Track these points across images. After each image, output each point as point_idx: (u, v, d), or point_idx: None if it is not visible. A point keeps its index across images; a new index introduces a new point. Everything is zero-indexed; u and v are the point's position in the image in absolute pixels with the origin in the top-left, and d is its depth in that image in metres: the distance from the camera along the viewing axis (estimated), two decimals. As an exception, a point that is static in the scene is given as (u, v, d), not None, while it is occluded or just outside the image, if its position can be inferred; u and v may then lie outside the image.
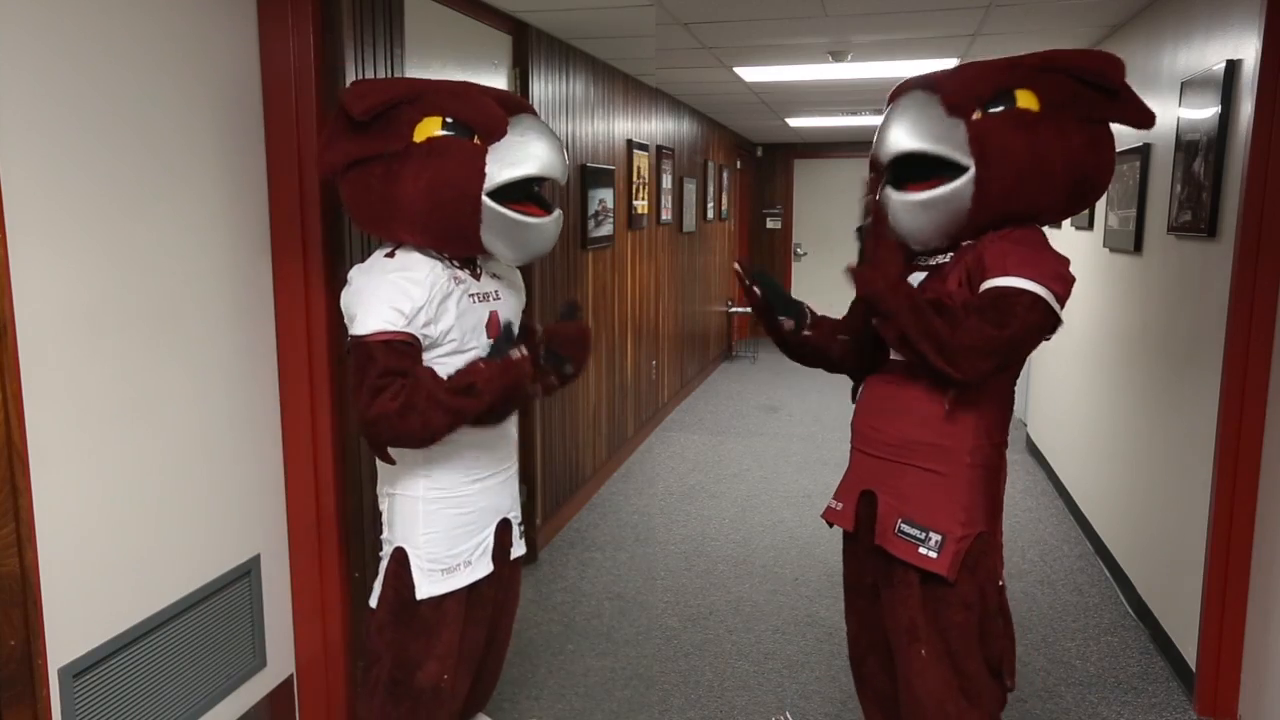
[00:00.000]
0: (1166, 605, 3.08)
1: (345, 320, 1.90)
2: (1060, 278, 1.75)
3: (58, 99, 1.69)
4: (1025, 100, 1.81)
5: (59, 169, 1.70)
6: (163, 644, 2.01)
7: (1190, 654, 2.82)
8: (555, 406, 4.10)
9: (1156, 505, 3.22)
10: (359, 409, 1.80)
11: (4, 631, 1.61)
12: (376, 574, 2.05)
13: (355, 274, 1.90)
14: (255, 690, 2.32)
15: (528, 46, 3.60)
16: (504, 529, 2.12)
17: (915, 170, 1.83)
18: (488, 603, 2.13)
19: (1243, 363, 2.55)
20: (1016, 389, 2.00)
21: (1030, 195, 1.83)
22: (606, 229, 4.71)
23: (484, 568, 2.05)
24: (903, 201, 1.84)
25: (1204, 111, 2.83)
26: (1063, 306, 1.76)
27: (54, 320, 1.70)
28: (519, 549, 2.20)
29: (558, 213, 1.98)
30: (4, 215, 1.57)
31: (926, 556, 1.87)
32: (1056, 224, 4.17)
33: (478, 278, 2.00)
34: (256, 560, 2.30)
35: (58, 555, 1.73)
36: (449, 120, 1.85)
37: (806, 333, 2.13)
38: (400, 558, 1.98)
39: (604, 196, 4.65)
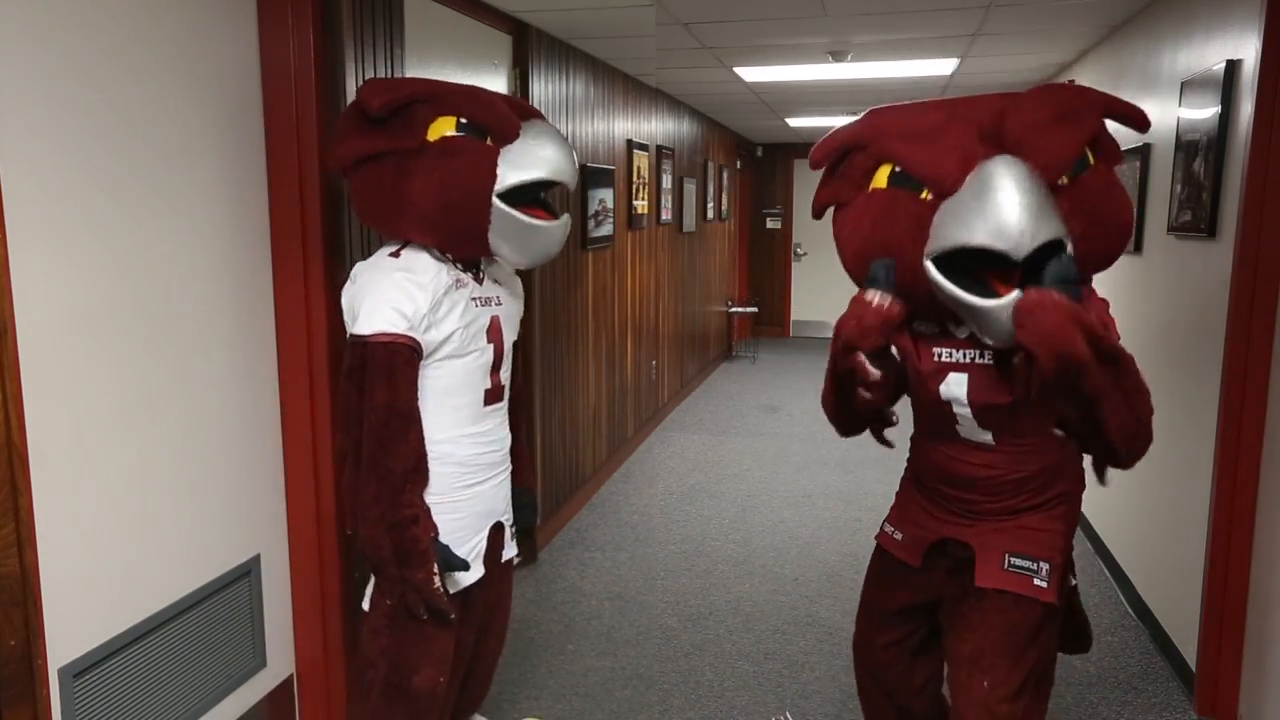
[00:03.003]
0: (1166, 605, 3.08)
1: (346, 318, 1.91)
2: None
3: (58, 99, 1.69)
4: (1090, 154, 1.61)
5: (59, 169, 1.70)
6: (163, 644, 2.01)
7: (1190, 654, 2.82)
8: (555, 406, 4.10)
9: (1156, 505, 3.22)
10: (368, 405, 1.83)
11: (4, 631, 1.61)
12: (368, 575, 2.03)
13: (359, 270, 1.92)
14: (255, 690, 2.32)
15: (528, 46, 3.60)
16: (496, 531, 2.12)
17: (962, 256, 1.50)
18: (478, 605, 2.13)
19: (1243, 363, 2.55)
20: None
21: (1108, 260, 1.68)
22: (606, 229, 4.71)
23: (477, 572, 2.04)
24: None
25: (1204, 111, 2.83)
26: None
27: (54, 320, 1.70)
28: (510, 550, 2.20)
29: (565, 218, 1.99)
30: (4, 215, 1.57)
31: (1040, 588, 1.75)
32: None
33: (480, 282, 2.01)
34: (256, 560, 2.30)
35: (58, 555, 1.73)
36: (463, 121, 1.86)
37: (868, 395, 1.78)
38: None
39: (604, 196, 4.65)
